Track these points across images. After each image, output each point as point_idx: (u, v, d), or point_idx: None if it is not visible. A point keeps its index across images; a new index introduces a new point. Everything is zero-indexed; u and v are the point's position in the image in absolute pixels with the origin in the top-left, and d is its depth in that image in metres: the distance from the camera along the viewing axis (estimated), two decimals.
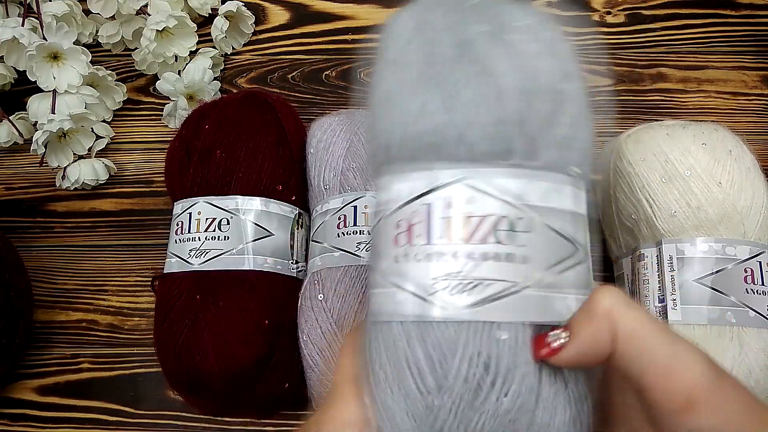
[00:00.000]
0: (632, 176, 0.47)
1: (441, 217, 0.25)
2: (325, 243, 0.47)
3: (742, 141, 0.47)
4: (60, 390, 0.55)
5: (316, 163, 0.50)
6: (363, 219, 0.47)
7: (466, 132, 0.25)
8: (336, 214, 0.47)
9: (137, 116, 0.62)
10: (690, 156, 0.45)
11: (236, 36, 0.63)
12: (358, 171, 0.48)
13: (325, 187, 0.49)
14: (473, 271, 0.24)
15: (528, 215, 0.25)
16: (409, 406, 0.24)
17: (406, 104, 0.26)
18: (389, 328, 0.25)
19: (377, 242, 0.28)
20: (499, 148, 0.25)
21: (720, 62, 0.61)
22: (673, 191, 0.45)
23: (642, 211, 0.46)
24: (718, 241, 0.44)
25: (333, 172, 0.49)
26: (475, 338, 0.24)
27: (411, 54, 0.28)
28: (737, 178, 0.45)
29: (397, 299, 0.25)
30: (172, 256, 0.48)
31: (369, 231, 0.45)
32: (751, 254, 0.44)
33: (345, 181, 0.48)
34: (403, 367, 0.25)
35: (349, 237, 0.46)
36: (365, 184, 0.48)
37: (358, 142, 0.49)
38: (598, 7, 0.63)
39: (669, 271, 0.44)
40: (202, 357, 0.44)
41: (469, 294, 0.24)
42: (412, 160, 0.26)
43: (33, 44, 0.54)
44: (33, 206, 0.60)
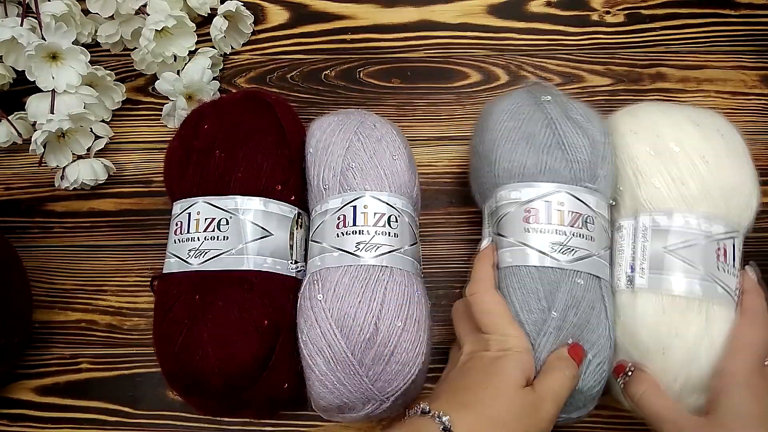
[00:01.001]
0: (623, 148, 0.48)
1: (555, 209, 0.45)
2: (324, 243, 0.47)
3: (736, 129, 0.48)
4: (59, 390, 0.55)
5: (315, 163, 0.49)
6: (362, 219, 0.46)
7: (553, 168, 0.45)
8: (335, 213, 0.47)
9: (136, 116, 0.62)
10: (680, 131, 0.46)
11: (235, 36, 0.63)
12: (358, 171, 0.48)
13: (324, 187, 0.48)
14: (569, 241, 0.44)
15: (593, 214, 0.45)
16: (529, 318, 0.43)
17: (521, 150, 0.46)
18: (519, 270, 0.44)
19: (509, 221, 0.46)
20: (575, 177, 0.45)
21: (719, 62, 0.61)
22: (659, 165, 0.46)
23: (627, 183, 0.47)
24: (695, 216, 0.44)
25: (332, 172, 0.48)
26: (567, 279, 0.44)
27: (511, 123, 0.47)
28: (723, 157, 0.45)
29: (526, 253, 0.44)
30: (171, 256, 0.48)
31: (369, 231, 0.46)
32: (726, 233, 0.44)
33: (344, 181, 0.48)
34: (528, 294, 0.44)
35: (348, 237, 0.46)
36: (365, 184, 0.47)
37: (357, 141, 0.49)
38: (598, 7, 0.63)
39: (642, 239, 0.45)
40: (202, 357, 0.44)
41: (567, 254, 0.44)
42: (524, 180, 0.46)
43: (32, 44, 0.54)
44: (32, 206, 0.60)
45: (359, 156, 0.48)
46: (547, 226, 0.44)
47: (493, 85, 0.61)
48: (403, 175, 0.49)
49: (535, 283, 0.44)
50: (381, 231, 0.46)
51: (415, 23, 0.63)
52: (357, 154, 0.48)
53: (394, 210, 0.47)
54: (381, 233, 0.46)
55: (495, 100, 0.51)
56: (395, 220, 0.47)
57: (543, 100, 0.48)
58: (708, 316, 0.43)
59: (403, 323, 0.43)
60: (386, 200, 0.47)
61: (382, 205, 0.47)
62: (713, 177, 0.45)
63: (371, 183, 0.48)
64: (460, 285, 0.55)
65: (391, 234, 0.46)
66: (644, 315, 0.44)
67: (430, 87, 0.61)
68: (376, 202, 0.47)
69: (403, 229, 0.47)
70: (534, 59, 0.62)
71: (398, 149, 0.50)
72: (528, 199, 0.45)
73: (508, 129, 0.47)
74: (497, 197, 0.47)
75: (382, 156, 0.49)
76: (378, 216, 0.47)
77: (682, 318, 0.43)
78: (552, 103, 0.47)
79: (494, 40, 0.63)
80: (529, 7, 0.63)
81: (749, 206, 0.46)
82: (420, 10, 0.64)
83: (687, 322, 0.43)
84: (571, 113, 0.47)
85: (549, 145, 0.46)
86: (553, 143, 0.46)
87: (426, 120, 0.60)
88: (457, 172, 0.59)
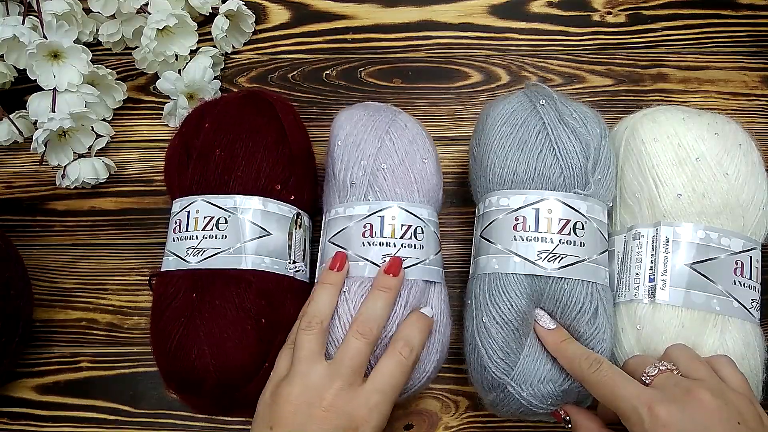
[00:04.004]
0: (643, 155, 0.47)
1: (543, 217, 0.45)
2: (349, 250, 0.47)
3: (750, 137, 0.48)
4: (59, 389, 0.55)
5: (343, 158, 0.48)
6: (389, 230, 0.46)
7: (545, 175, 0.46)
8: (362, 221, 0.47)
9: (137, 115, 0.62)
10: (702, 143, 0.46)
11: (237, 35, 0.63)
12: (389, 173, 0.47)
13: (351, 184, 0.48)
14: (556, 249, 0.45)
15: (584, 219, 0.45)
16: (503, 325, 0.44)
17: (514, 155, 0.47)
18: (507, 277, 0.45)
19: (497, 228, 0.46)
20: (566, 183, 0.46)
21: (720, 62, 0.61)
22: (681, 175, 0.46)
23: (647, 190, 0.47)
24: (715, 230, 0.45)
25: (362, 171, 0.47)
26: (553, 286, 0.44)
27: (505, 128, 0.48)
28: (743, 171, 0.46)
29: (514, 261, 0.45)
30: (170, 254, 0.48)
31: (395, 244, 0.46)
32: (744, 248, 0.45)
33: (374, 182, 0.47)
34: (510, 300, 0.44)
35: (375, 248, 0.46)
36: (395, 188, 0.47)
37: (389, 141, 0.48)
38: (599, 7, 0.63)
39: (663, 252, 0.45)
40: (198, 355, 0.44)
41: (554, 262, 0.44)
42: (513, 186, 0.46)
43: (33, 43, 0.54)
44: (33, 205, 0.60)
45: (391, 158, 0.48)
46: (535, 234, 0.45)
47: (494, 86, 0.61)
48: (431, 179, 0.49)
49: (520, 289, 0.44)
50: (407, 243, 0.46)
51: (416, 23, 0.63)
52: (389, 156, 0.48)
53: (421, 221, 0.47)
54: (407, 245, 0.46)
55: (493, 103, 0.51)
56: (421, 232, 0.47)
57: (539, 104, 0.47)
58: (723, 329, 0.44)
59: None
60: (414, 212, 0.47)
61: (410, 217, 0.47)
62: (734, 191, 0.45)
63: (401, 188, 0.47)
64: (460, 285, 0.55)
65: (416, 246, 0.47)
66: (665, 328, 0.44)
67: (431, 87, 0.61)
68: (404, 214, 0.47)
69: (428, 240, 0.48)
70: (535, 59, 0.62)
71: (428, 152, 0.49)
72: (517, 206, 0.46)
73: (502, 134, 0.47)
74: (486, 203, 0.48)
75: (413, 159, 0.48)
76: (405, 228, 0.47)
77: (699, 331, 0.44)
78: (547, 108, 0.47)
79: (495, 41, 0.63)
80: (530, 8, 0.63)
81: (765, 217, 0.46)
82: (421, 10, 0.63)
83: (704, 335, 0.44)
84: (566, 117, 0.47)
85: (541, 151, 0.46)
86: (545, 149, 0.46)
87: (427, 120, 0.60)
88: (457, 172, 0.59)
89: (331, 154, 0.50)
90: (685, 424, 0.36)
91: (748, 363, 0.44)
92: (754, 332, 0.45)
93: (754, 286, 0.45)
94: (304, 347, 0.42)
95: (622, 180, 0.49)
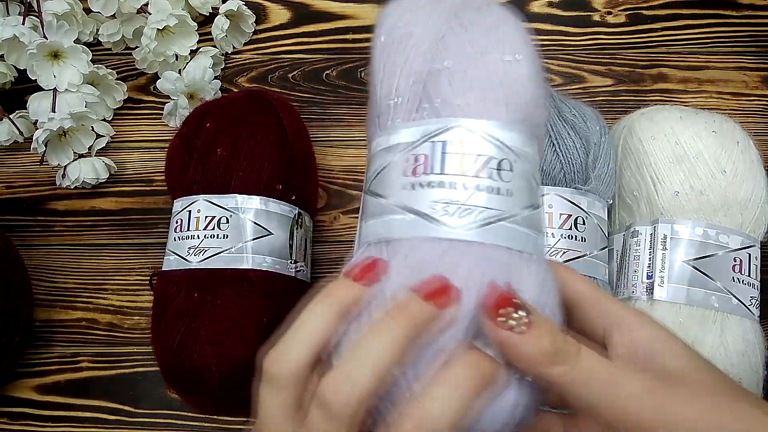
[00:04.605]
0: (640, 153, 0.48)
1: (544, 212, 0.35)
2: (387, 198, 0.29)
3: (748, 136, 0.49)
4: (60, 389, 0.55)
5: (386, 61, 0.31)
6: (455, 163, 0.28)
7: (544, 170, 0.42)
8: (408, 152, 0.29)
9: (138, 115, 0.62)
10: (700, 141, 0.46)
11: (237, 35, 0.63)
12: (453, 76, 0.29)
13: (393, 101, 0.30)
14: (558, 243, 0.41)
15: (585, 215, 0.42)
16: None
17: None
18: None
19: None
20: (566, 179, 0.43)
21: (721, 63, 0.61)
22: (678, 172, 0.46)
23: (645, 188, 0.47)
24: (713, 228, 0.45)
25: (412, 77, 0.30)
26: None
27: None
28: (741, 169, 0.46)
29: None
30: (171, 253, 0.48)
31: (465, 184, 0.28)
32: (743, 245, 0.45)
33: (428, 93, 0.29)
34: None
35: (426, 190, 0.28)
36: (466, 95, 0.29)
37: (458, 27, 0.30)
38: (599, 8, 0.63)
39: (661, 249, 0.45)
40: (199, 355, 0.44)
41: (555, 257, 0.38)
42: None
43: (33, 43, 0.54)
44: (33, 205, 0.60)
45: (460, 51, 0.30)
46: None
47: None
48: (525, 88, 0.30)
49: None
50: (484, 185, 0.28)
51: None
52: (456, 48, 0.30)
53: (508, 151, 0.29)
54: (483, 188, 0.28)
55: None
56: (508, 167, 0.28)
57: None
58: (723, 326, 0.44)
59: None
60: (495, 136, 0.28)
61: (488, 143, 0.28)
62: (732, 189, 0.45)
63: (475, 97, 0.29)
64: None
65: (499, 191, 0.28)
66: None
67: None
68: (476, 137, 0.28)
69: (518, 182, 0.29)
70: None
71: (520, 44, 0.31)
72: None
73: None
74: None
75: (495, 54, 0.30)
76: (481, 161, 0.28)
77: (699, 328, 0.44)
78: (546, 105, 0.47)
79: None
80: (530, 8, 0.63)
81: (764, 215, 0.47)
82: None
83: (703, 333, 0.44)
84: (566, 114, 0.47)
85: None
86: (545, 145, 0.46)
87: None
88: None
89: (372, 63, 0.33)
90: None
91: (748, 360, 0.44)
92: (754, 329, 0.45)
93: (753, 284, 0.46)
94: (264, 407, 0.27)
95: (621, 179, 0.49)
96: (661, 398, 0.25)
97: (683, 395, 0.25)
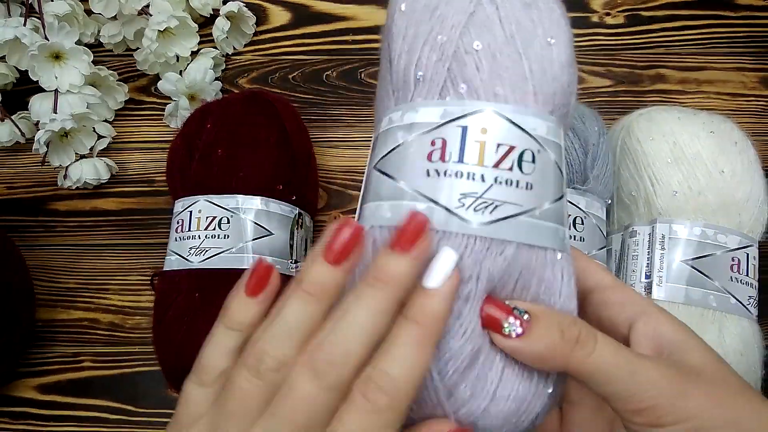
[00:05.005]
0: (639, 153, 0.48)
1: None
2: (402, 182, 0.27)
3: (746, 136, 0.49)
4: (61, 388, 0.55)
5: (407, 32, 0.29)
6: (476, 152, 0.27)
7: None
8: (428, 134, 0.28)
9: (139, 116, 0.62)
10: (698, 142, 0.47)
11: (237, 36, 0.63)
12: (486, 57, 0.27)
13: (417, 77, 0.28)
14: None
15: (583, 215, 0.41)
16: None
17: None
18: None
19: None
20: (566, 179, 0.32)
21: (719, 63, 0.61)
22: (677, 173, 0.46)
23: (643, 189, 0.47)
24: (711, 228, 0.45)
25: (438, 53, 0.28)
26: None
27: None
28: (739, 169, 0.46)
29: None
30: (172, 253, 0.48)
31: (485, 176, 0.26)
32: (741, 245, 0.45)
33: (458, 71, 0.28)
34: None
35: (442, 179, 0.27)
36: (494, 82, 0.27)
37: (489, 4, 0.28)
38: (598, 8, 0.63)
39: (659, 249, 0.46)
40: None
41: None
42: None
43: (35, 44, 0.54)
44: (35, 205, 0.60)
45: (490, 32, 0.28)
46: None
47: None
48: (557, 76, 0.28)
49: None
50: (503, 178, 0.27)
51: None
52: (487, 29, 0.28)
53: (533, 141, 0.27)
54: (503, 181, 0.27)
55: None
56: (530, 159, 0.27)
57: None
58: (721, 325, 0.44)
59: None
60: (522, 124, 0.27)
61: (513, 131, 0.27)
62: (730, 189, 0.45)
63: (500, 87, 0.27)
64: None
65: (519, 184, 0.27)
66: None
67: None
68: (503, 125, 0.27)
69: (541, 174, 0.28)
70: None
71: (557, 26, 0.29)
72: None
73: None
74: None
75: (530, 37, 0.28)
76: (502, 151, 0.27)
77: (697, 328, 0.43)
78: None
79: None
80: None
81: (762, 215, 0.47)
82: None
83: (701, 332, 0.43)
84: None
85: None
86: None
87: None
88: None
89: (388, 30, 0.31)
90: None
91: (746, 360, 0.44)
92: (752, 329, 0.45)
93: (751, 283, 0.46)
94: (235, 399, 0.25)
95: (619, 179, 0.49)
96: (679, 387, 0.25)
97: (702, 387, 0.26)
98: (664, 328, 0.29)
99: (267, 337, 0.25)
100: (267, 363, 0.25)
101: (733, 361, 0.43)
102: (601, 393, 0.26)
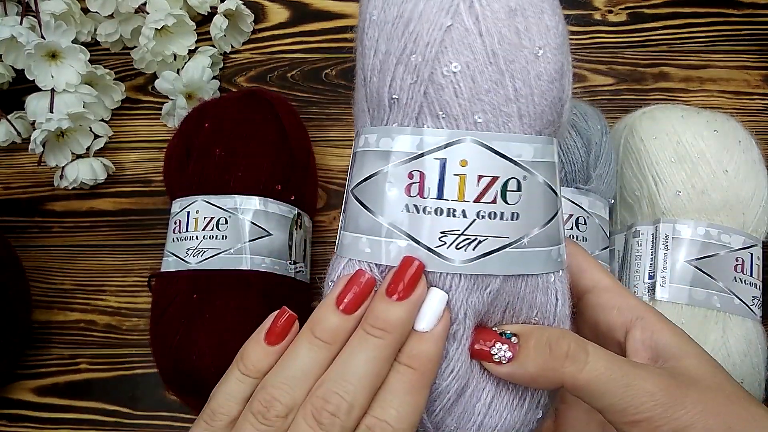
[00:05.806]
0: (642, 153, 0.48)
1: None
2: (377, 216, 0.26)
3: (750, 134, 0.48)
4: (58, 390, 0.55)
5: (376, 48, 0.27)
6: (455, 186, 0.25)
7: None
8: (403, 165, 0.26)
9: (136, 115, 0.62)
10: (701, 140, 0.46)
11: (235, 34, 0.62)
12: (464, 84, 0.25)
13: (392, 98, 0.26)
14: None
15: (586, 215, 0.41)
16: None
17: None
18: None
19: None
20: (567, 178, 0.39)
21: (722, 61, 0.61)
22: (680, 172, 0.46)
23: (646, 188, 0.47)
24: (715, 227, 0.45)
25: (414, 74, 0.25)
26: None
27: None
28: (743, 168, 0.46)
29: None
30: (170, 254, 0.48)
31: (466, 211, 0.25)
32: (745, 245, 0.45)
33: (434, 101, 0.26)
34: None
35: (421, 216, 0.26)
36: (473, 107, 0.25)
37: (469, 14, 0.25)
38: (600, 6, 0.63)
39: (663, 249, 0.45)
40: (198, 356, 0.44)
41: None
42: None
43: (31, 43, 0.54)
44: (31, 206, 0.59)
45: (469, 49, 0.25)
46: None
47: None
48: (548, 89, 0.26)
49: None
50: (486, 212, 0.25)
51: None
52: (466, 44, 0.25)
53: (518, 169, 0.26)
54: (485, 215, 0.25)
55: None
56: (515, 187, 0.26)
57: None
58: (725, 326, 0.44)
59: None
60: (504, 152, 0.25)
61: (492, 161, 0.25)
62: (734, 188, 0.45)
63: (480, 113, 0.25)
64: None
65: (503, 216, 0.25)
66: None
67: None
68: (481, 155, 0.25)
69: (528, 200, 0.26)
70: None
71: (546, 32, 0.27)
72: None
73: None
74: None
75: (515, 50, 0.25)
76: (484, 183, 0.25)
77: (701, 329, 0.44)
78: None
79: None
80: None
81: (766, 214, 0.46)
82: None
83: (705, 333, 0.44)
84: None
85: None
86: None
87: None
88: None
89: (360, 39, 0.28)
90: None
91: (750, 360, 0.44)
92: (756, 330, 0.45)
93: (755, 284, 0.45)
94: None
95: (622, 178, 0.49)
96: (675, 397, 0.25)
97: (698, 395, 0.26)
98: (661, 334, 0.28)
99: (278, 383, 0.26)
100: (277, 409, 0.26)
101: (737, 362, 0.43)
102: (596, 406, 0.26)
